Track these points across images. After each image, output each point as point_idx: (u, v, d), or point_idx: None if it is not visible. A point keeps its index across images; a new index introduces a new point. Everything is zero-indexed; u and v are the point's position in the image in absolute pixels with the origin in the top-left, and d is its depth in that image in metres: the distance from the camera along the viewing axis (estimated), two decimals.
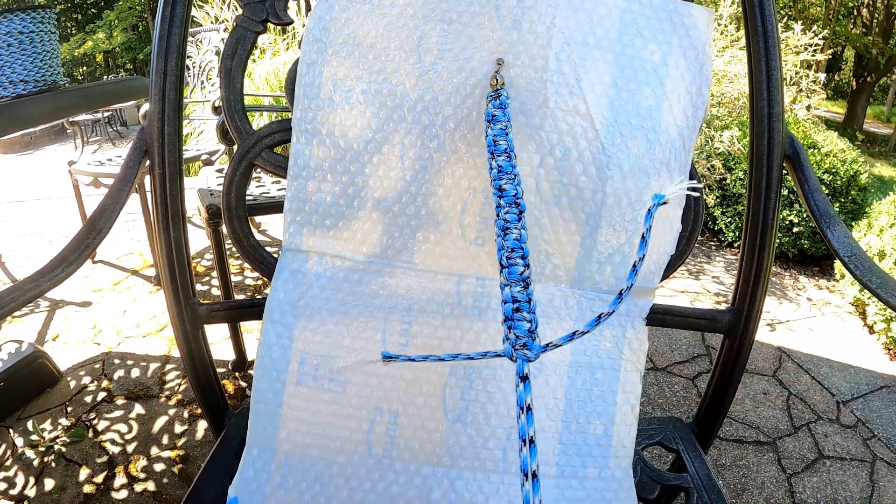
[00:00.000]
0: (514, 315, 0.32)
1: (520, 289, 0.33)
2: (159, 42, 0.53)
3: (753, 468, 1.40)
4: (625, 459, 0.51)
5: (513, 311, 0.32)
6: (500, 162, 0.40)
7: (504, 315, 0.33)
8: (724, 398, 0.62)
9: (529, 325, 0.32)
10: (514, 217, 0.37)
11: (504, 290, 0.34)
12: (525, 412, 0.28)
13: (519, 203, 0.38)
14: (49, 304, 2.12)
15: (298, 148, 0.48)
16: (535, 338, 0.32)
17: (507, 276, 0.34)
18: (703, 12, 0.49)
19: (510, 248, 0.35)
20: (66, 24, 10.34)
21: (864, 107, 8.07)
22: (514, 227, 0.36)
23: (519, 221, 0.37)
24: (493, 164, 0.40)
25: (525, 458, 0.26)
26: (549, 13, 0.47)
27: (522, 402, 0.28)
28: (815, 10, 8.07)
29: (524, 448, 0.27)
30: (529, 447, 0.27)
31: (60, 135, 6.69)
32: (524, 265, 0.35)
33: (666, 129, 0.49)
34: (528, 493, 0.25)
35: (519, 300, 0.33)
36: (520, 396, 0.28)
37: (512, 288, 0.33)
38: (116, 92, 1.36)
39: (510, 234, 0.36)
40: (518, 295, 0.33)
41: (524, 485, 0.26)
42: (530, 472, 0.26)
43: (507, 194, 0.38)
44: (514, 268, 0.34)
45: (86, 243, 0.51)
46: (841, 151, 2.78)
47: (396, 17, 0.47)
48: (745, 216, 0.59)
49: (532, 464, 0.26)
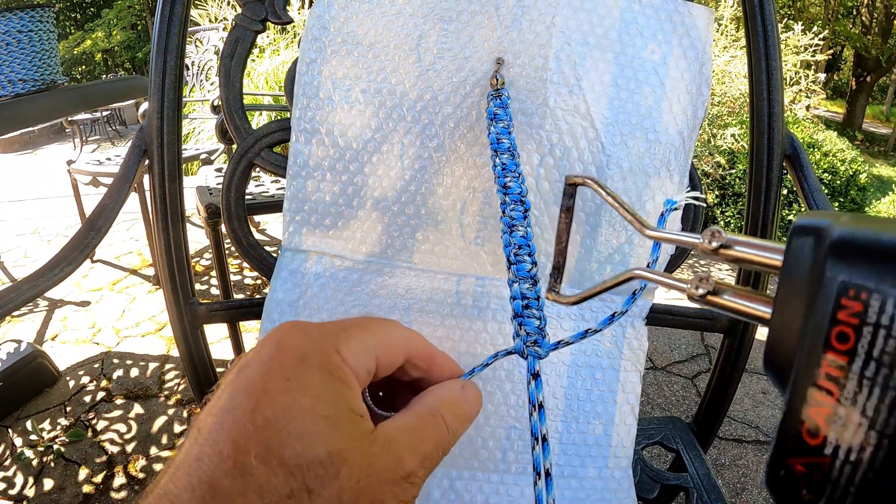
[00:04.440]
0: (523, 312, 0.32)
1: (528, 286, 0.33)
2: (158, 41, 0.52)
3: (753, 467, 1.40)
4: (624, 459, 0.51)
5: (522, 307, 0.32)
6: (504, 160, 0.39)
7: (514, 311, 0.33)
8: (723, 398, 0.62)
9: (539, 323, 0.32)
10: (519, 215, 0.37)
11: (512, 286, 0.33)
12: (537, 409, 0.27)
13: (524, 201, 0.38)
14: (48, 304, 2.12)
15: (297, 147, 0.48)
16: (544, 335, 0.31)
17: (515, 273, 0.34)
18: (704, 12, 0.49)
19: (517, 245, 0.35)
20: (65, 23, 10.32)
21: (863, 106, 8.07)
22: (521, 224, 0.36)
23: (524, 219, 0.36)
24: (496, 161, 0.40)
25: (538, 456, 0.26)
26: (549, 12, 0.47)
27: (535, 400, 0.28)
28: (814, 10, 8.07)
29: (537, 446, 0.26)
30: (542, 445, 0.26)
31: (59, 134, 6.68)
32: (531, 262, 0.35)
33: (666, 129, 0.49)
34: (541, 492, 0.25)
35: (528, 297, 0.32)
36: (532, 394, 0.28)
37: (521, 285, 0.33)
38: (115, 91, 1.36)
39: (517, 231, 0.36)
40: (527, 292, 0.33)
41: (537, 483, 0.26)
42: (543, 471, 0.26)
43: (513, 192, 0.38)
44: (522, 264, 0.34)
45: (85, 243, 0.51)
46: (840, 151, 2.78)
47: (396, 15, 0.47)
48: (745, 215, 0.59)
49: (545, 462, 0.26)
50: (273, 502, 0.17)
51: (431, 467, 0.22)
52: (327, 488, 0.18)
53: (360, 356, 0.22)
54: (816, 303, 0.12)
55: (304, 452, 0.18)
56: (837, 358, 0.11)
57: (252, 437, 0.18)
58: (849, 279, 0.11)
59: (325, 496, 0.18)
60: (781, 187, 0.57)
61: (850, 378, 0.11)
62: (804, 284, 0.12)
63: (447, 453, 0.24)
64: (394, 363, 0.24)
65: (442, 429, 0.23)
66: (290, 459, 0.17)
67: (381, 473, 0.19)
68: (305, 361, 0.20)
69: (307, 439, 0.18)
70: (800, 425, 0.12)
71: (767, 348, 0.14)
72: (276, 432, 0.18)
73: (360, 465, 0.19)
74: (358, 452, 0.19)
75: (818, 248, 0.12)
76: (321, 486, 0.18)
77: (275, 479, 0.17)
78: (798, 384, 0.12)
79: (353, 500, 0.18)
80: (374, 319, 0.25)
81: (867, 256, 0.11)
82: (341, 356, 0.21)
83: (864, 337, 0.11)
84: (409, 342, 0.25)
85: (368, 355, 0.22)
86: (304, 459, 0.18)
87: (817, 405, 0.11)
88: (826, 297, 0.11)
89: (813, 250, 0.12)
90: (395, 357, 0.24)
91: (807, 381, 0.12)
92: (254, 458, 0.17)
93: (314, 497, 0.17)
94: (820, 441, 0.11)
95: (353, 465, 0.18)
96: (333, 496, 0.18)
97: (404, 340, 0.25)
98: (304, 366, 0.20)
